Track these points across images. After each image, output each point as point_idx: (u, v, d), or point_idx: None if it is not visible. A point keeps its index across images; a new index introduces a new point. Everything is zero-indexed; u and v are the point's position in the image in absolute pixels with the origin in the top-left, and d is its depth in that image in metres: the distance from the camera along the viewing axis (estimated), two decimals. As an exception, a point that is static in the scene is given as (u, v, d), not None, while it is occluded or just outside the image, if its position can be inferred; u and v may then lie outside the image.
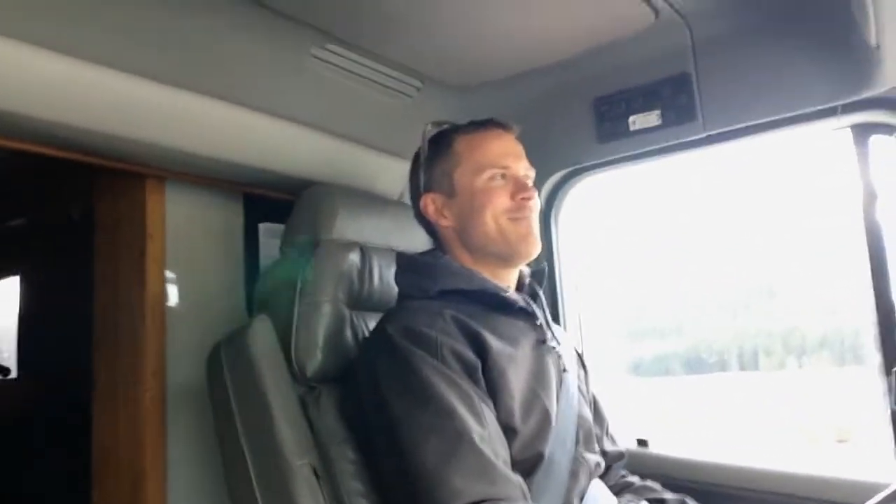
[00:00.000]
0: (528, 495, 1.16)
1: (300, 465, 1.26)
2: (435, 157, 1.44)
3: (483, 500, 1.07)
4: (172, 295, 1.76)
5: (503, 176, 1.39)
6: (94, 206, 1.87)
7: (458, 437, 1.12)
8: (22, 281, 3.74)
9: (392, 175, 1.88)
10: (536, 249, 1.40)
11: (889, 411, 1.54)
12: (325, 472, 1.28)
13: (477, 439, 1.13)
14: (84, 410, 3.15)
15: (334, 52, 1.56)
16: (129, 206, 1.76)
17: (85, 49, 1.28)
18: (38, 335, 3.63)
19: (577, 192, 2.02)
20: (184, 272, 1.79)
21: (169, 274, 1.76)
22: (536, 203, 1.41)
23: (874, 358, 1.59)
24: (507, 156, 1.40)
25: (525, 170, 1.42)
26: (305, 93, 1.63)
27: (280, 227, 2.16)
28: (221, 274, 1.89)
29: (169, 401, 1.71)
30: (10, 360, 4.27)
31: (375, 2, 1.45)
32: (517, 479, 1.15)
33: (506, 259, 1.40)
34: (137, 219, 1.74)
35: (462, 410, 1.15)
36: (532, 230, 1.38)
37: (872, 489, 1.10)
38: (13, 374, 4.00)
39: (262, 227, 2.09)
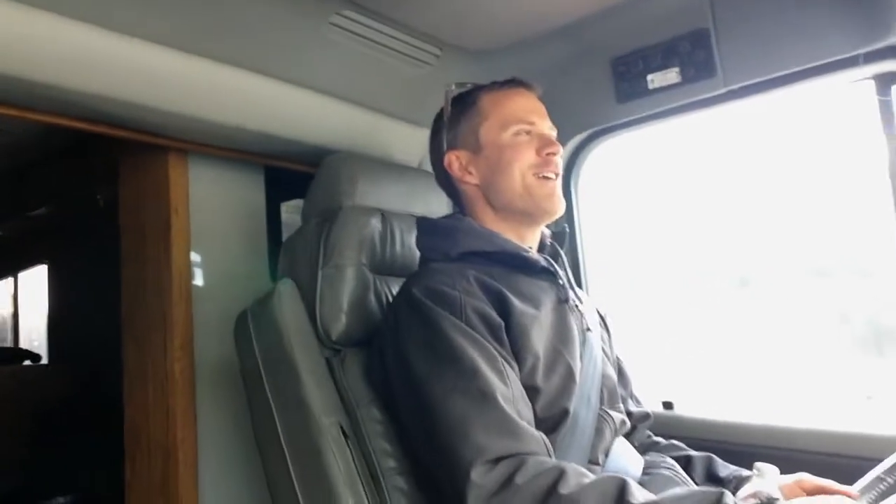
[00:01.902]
0: (551, 451, 1.16)
1: (328, 425, 1.28)
2: (460, 114, 1.44)
3: (507, 456, 1.07)
4: (198, 269, 1.79)
5: (528, 132, 1.38)
6: (120, 185, 1.90)
7: (483, 396, 1.12)
8: (50, 269, 3.80)
9: (411, 143, 1.89)
10: (561, 208, 1.39)
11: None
12: (353, 432, 1.30)
13: (500, 398, 1.12)
14: (115, 393, 3.22)
15: (352, 19, 1.56)
16: (153, 181, 1.78)
17: (109, 18, 1.30)
18: (67, 323, 3.70)
19: (597, 154, 2.01)
20: (208, 246, 1.81)
21: (194, 248, 1.78)
22: (560, 161, 1.41)
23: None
24: (532, 112, 1.40)
25: (549, 129, 1.41)
26: (324, 61, 1.63)
27: (301, 203, 2.21)
28: (245, 248, 1.91)
29: (197, 374, 1.74)
30: (40, 347, 4.37)
31: None
32: (540, 435, 1.15)
33: (531, 216, 1.39)
34: (162, 194, 1.76)
35: (486, 369, 1.15)
36: (557, 189, 1.38)
37: (892, 444, 1.09)
38: (44, 361, 4.10)
39: (285, 205, 2.11)
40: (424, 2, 1.61)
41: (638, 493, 1.01)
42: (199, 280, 1.78)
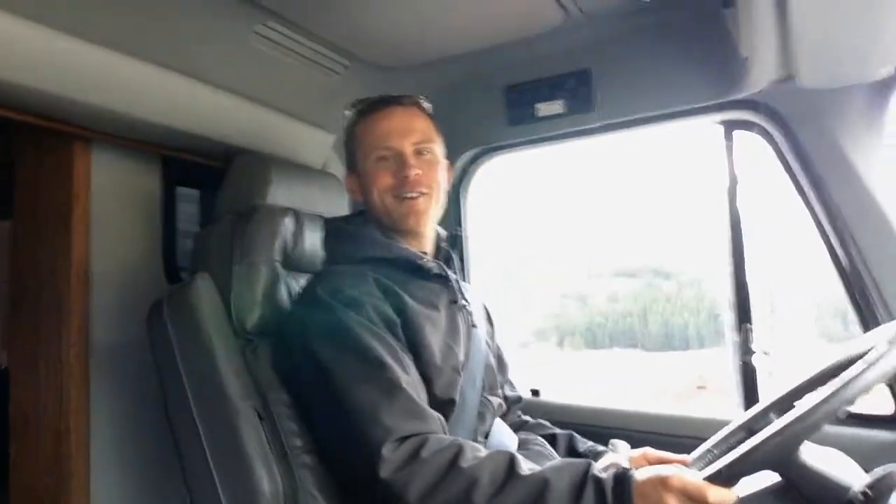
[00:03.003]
0: (447, 431, 1.34)
1: (244, 408, 1.38)
2: (347, 139, 1.60)
3: (412, 434, 1.24)
4: (96, 256, 1.79)
5: (387, 157, 1.51)
6: (15, 162, 1.86)
7: (389, 384, 1.28)
8: None
9: (316, 146, 1.99)
10: (421, 222, 1.53)
11: (739, 363, 1.85)
12: (266, 415, 1.40)
13: (404, 384, 1.29)
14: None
15: (273, 29, 1.65)
16: (54, 166, 1.77)
17: (21, 5, 1.31)
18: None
19: (486, 168, 2.21)
20: (107, 233, 1.82)
21: (93, 235, 1.79)
22: (430, 176, 1.52)
23: (728, 317, 1.89)
24: (391, 134, 1.51)
25: (415, 144, 1.51)
26: (242, 65, 1.71)
27: (194, 192, 2.24)
28: (142, 235, 1.93)
29: (92, 359, 1.75)
30: None
31: None
32: (438, 416, 1.33)
33: (398, 231, 1.54)
34: (64, 180, 1.75)
35: (389, 360, 1.31)
36: (414, 208, 1.50)
37: (719, 425, 1.37)
38: None
39: (180, 191, 2.14)
40: (340, 17, 1.73)
41: (524, 464, 1.21)
42: (96, 266, 1.79)
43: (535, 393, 2.18)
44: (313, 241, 1.63)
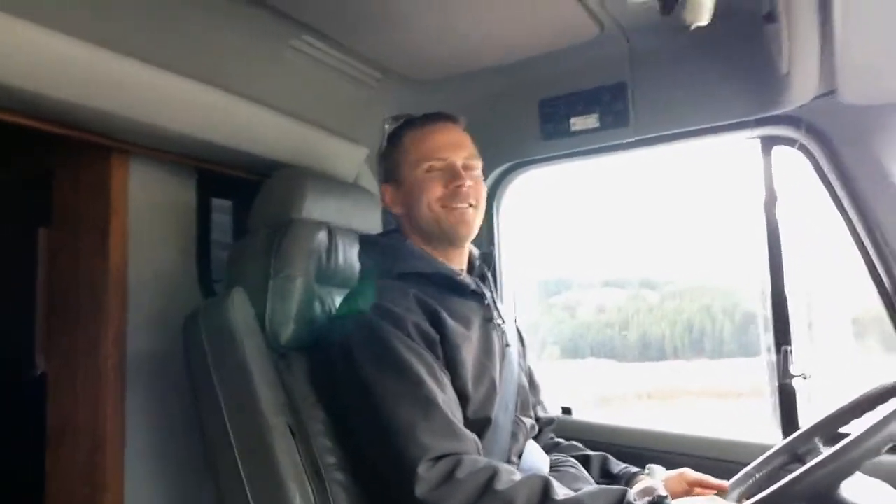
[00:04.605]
0: (482, 451, 1.33)
1: (277, 424, 1.38)
2: (390, 150, 1.59)
3: (448, 454, 1.23)
4: (133, 267, 1.82)
5: (439, 168, 1.51)
6: (56, 174, 1.90)
7: (426, 402, 1.28)
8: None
9: (349, 159, 2.00)
10: (470, 232, 1.54)
11: (776, 384, 1.81)
12: (299, 430, 1.41)
13: (441, 403, 1.29)
14: (21, 375, 3.10)
15: (309, 43, 1.66)
16: (92, 178, 1.80)
17: (62, 20, 1.34)
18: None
19: (519, 182, 2.20)
20: (143, 245, 1.84)
21: (131, 246, 1.81)
22: (477, 190, 1.53)
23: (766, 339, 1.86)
24: (445, 147, 1.52)
25: (465, 159, 1.53)
26: (278, 79, 1.72)
27: (228, 202, 2.26)
28: (178, 247, 1.96)
29: (129, 369, 1.77)
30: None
31: None
32: (473, 436, 1.32)
33: (445, 242, 1.54)
34: (101, 192, 1.78)
35: (428, 378, 1.31)
36: (464, 217, 1.50)
37: (757, 449, 1.34)
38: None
39: (214, 201, 2.17)
40: (374, 31, 1.74)
41: (559, 489, 1.20)
42: (133, 277, 1.81)
43: (567, 411, 2.15)
44: (348, 255, 1.64)
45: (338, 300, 1.57)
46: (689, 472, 1.47)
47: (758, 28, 1.54)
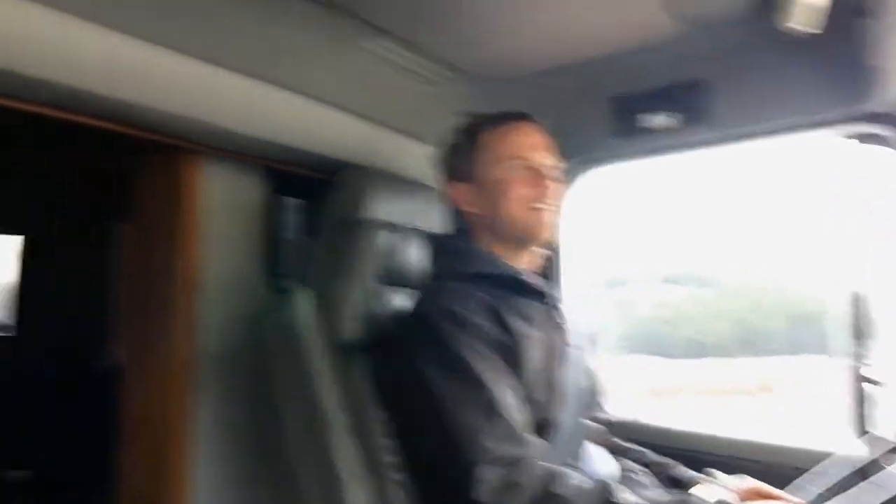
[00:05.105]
0: (544, 456, 1.31)
1: (337, 421, 1.39)
2: (464, 147, 1.56)
3: (509, 458, 1.22)
4: (204, 266, 1.85)
5: (523, 167, 1.49)
6: (131, 174, 1.95)
7: (489, 405, 1.26)
8: (24, 241, 3.79)
9: (415, 158, 1.98)
10: (549, 235, 1.53)
11: (846, 387, 1.73)
12: (359, 430, 1.41)
13: (503, 406, 1.27)
14: (81, 368, 3.23)
15: (378, 43, 1.65)
16: (166, 178, 1.84)
17: (140, 26, 1.36)
18: (39, 296, 3.69)
19: (588, 181, 2.15)
20: (214, 244, 1.87)
21: (202, 246, 1.85)
22: (558, 192, 1.53)
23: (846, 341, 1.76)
24: (527, 147, 1.51)
25: (546, 159, 1.52)
26: (347, 79, 1.72)
27: (298, 201, 2.29)
28: (247, 246, 1.98)
29: (197, 367, 1.80)
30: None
31: None
32: (536, 440, 1.30)
33: (524, 243, 1.52)
34: (174, 192, 1.82)
35: (490, 381, 1.29)
36: (546, 219, 1.50)
37: (817, 455, 1.27)
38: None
39: (285, 201, 2.20)
40: (442, 29, 1.72)
41: (621, 495, 1.16)
42: (204, 276, 1.85)
43: (625, 412, 2.11)
44: (414, 256, 1.63)
45: (402, 301, 1.56)
46: (747, 480, 1.41)
47: (847, 21, 1.46)
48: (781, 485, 1.38)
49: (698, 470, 1.51)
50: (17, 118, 1.51)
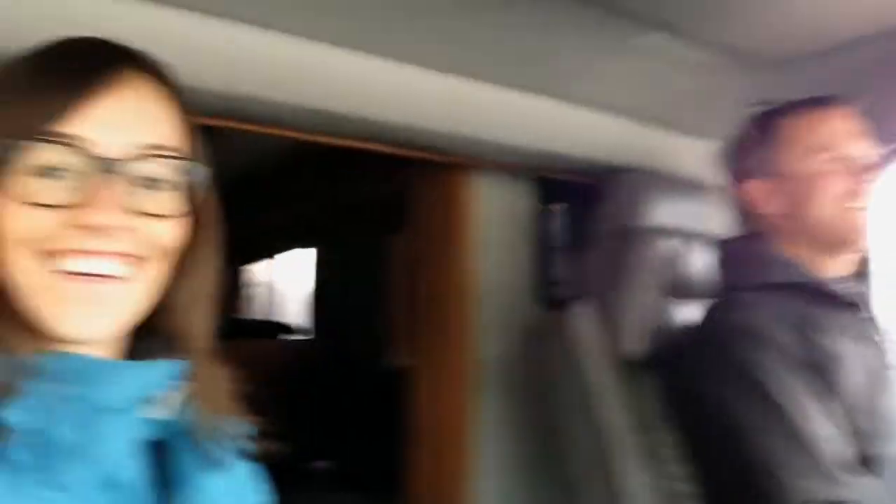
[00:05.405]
0: (873, 498, 1.12)
1: (629, 445, 1.32)
2: (757, 140, 1.39)
3: (823, 502, 1.06)
4: (480, 276, 1.90)
5: (837, 159, 1.29)
6: (406, 189, 2.06)
7: (797, 436, 1.11)
8: (318, 253, 4.23)
9: (692, 155, 1.85)
10: (865, 239, 1.32)
11: None
12: (649, 454, 1.33)
13: (814, 438, 1.11)
14: (368, 366, 3.51)
15: (649, 37, 1.55)
16: (442, 192, 1.92)
17: (406, 53, 1.41)
18: (330, 301, 4.09)
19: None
20: (489, 254, 1.92)
21: (478, 257, 1.89)
22: (873, 189, 1.31)
23: None
24: (841, 135, 1.31)
25: (863, 150, 1.31)
26: (616, 78, 1.64)
27: (561, 206, 2.26)
28: (518, 254, 2.00)
29: (478, 374, 1.85)
30: (298, 320, 4.90)
31: None
32: (862, 480, 1.12)
33: (834, 249, 1.32)
34: (450, 205, 1.90)
35: (799, 408, 1.14)
36: (862, 221, 1.29)
37: None
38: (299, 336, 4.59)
39: (554, 208, 2.19)
40: (721, 13, 1.55)
41: None
42: (483, 284, 1.89)
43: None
44: (702, 263, 1.51)
45: (691, 314, 1.45)
46: None
47: None
48: None
49: None
50: (313, 149, 1.67)
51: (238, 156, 2.69)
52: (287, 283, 6.02)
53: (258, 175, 3.25)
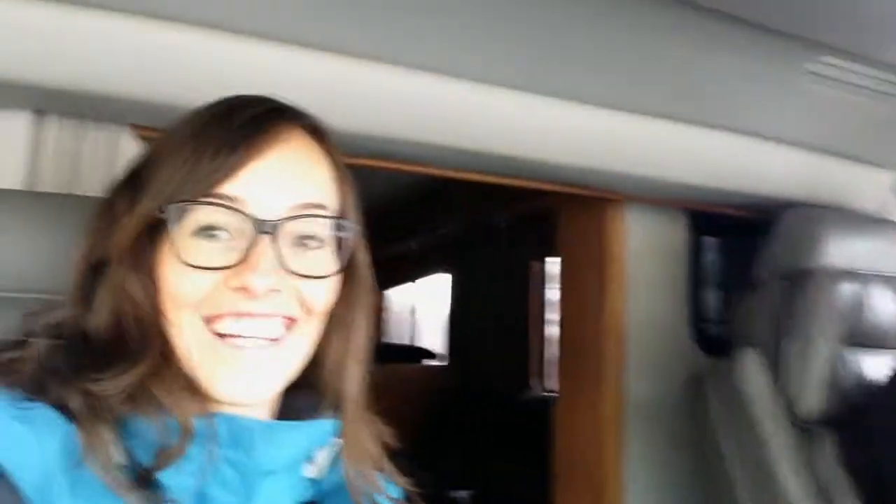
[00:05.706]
0: None
1: (803, 512, 1.19)
2: None
3: None
4: (630, 312, 1.81)
5: None
6: (554, 221, 2.01)
7: None
8: (454, 278, 4.23)
9: (870, 189, 1.68)
10: None
11: None
12: (830, 524, 1.19)
13: None
14: (504, 390, 3.45)
15: (827, 63, 1.43)
16: (590, 226, 1.85)
17: (562, 87, 1.36)
18: (465, 326, 4.07)
19: None
20: (639, 290, 1.83)
21: (628, 292, 1.81)
22: None
23: None
24: None
25: None
26: (787, 108, 1.53)
27: (716, 240, 2.13)
28: (670, 290, 1.89)
29: (628, 413, 1.76)
30: (432, 345, 4.92)
31: (877, 3, 1.29)
32: None
33: None
34: (599, 239, 1.82)
35: None
36: None
37: None
38: (437, 362, 4.59)
39: (706, 242, 2.06)
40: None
41: None
42: (630, 322, 1.80)
43: None
44: (885, 308, 1.35)
45: (875, 367, 1.30)
46: None
47: None
48: None
49: None
50: (460, 183, 1.66)
51: (383, 180, 2.75)
52: (427, 307, 6.06)
53: (402, 198, 3.31)
